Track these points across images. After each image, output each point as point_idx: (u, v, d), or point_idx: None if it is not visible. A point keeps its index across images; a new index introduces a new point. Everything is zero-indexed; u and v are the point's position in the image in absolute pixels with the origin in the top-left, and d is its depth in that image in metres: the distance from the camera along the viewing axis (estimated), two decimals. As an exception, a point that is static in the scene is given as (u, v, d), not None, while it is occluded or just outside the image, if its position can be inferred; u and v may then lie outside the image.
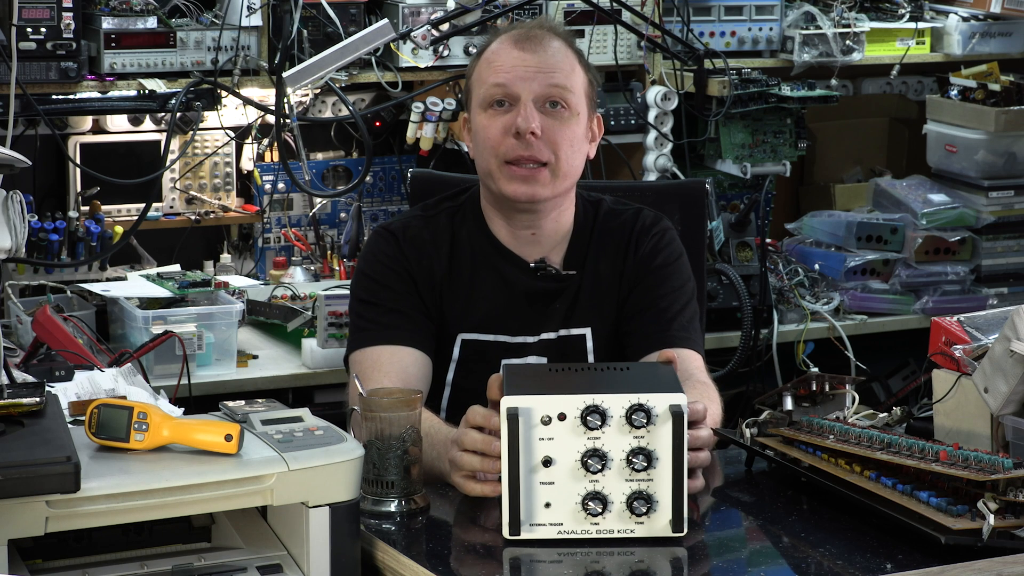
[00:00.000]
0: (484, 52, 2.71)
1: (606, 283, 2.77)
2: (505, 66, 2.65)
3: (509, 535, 2.14)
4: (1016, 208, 4.56)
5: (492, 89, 2.66)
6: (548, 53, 2.66)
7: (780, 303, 4.35)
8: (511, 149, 2.64)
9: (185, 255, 4.30)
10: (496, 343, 2.74)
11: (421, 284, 2.74)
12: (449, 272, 2.74)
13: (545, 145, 2.64)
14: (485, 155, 2.68)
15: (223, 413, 2.29)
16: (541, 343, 2.74)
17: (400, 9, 4.13)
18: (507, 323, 2.74)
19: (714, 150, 4.51)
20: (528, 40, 2.66)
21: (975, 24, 4.75)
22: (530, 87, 2.64)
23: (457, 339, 2.74)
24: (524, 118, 2.62)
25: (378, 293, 2.73)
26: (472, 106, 2.72)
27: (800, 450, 2.38)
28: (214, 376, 3.60)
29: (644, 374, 2.32)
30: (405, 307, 2.71)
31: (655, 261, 2.77)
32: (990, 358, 2.39)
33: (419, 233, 2.76)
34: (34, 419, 2.14)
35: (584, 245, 2.77)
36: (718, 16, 4.50)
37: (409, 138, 4.29)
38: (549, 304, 2.75)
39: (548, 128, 2.64)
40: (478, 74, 2.70)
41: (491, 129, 2.65)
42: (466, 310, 2.74)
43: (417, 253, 2.74)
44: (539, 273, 2.74)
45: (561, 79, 2.65)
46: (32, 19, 3.79)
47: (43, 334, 3.12)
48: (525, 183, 2.65)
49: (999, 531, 2.08)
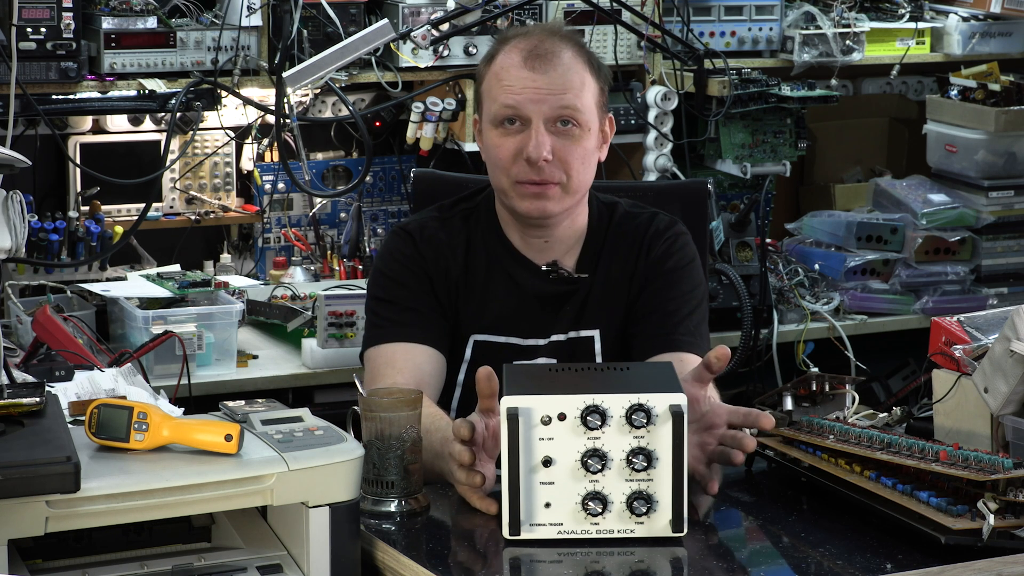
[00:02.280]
0: (493, 62, 2.69)
1: (616, 285, 2.77)
2: (515, 87, 2.64)
3: (509, 535, 2.14)
4: (1016, 208, 4.56)
5: (503, 109, 2.65)
6: (558, 72, 2.64)
7: (780, 303, 4.35)
8: (523, 172, 2.65)
9: (185, 255, 4.30)
10: (508, 345, 2.75)
11: (437, 284, 2.75)
12: (463, 273, 2.76)
13: (556, 167, 2.65)
14: (497, 173, 2.69)
15: (223, 413, 2.29)
16: (551, 345, 2.75)
17: (400, 9, 4.13)
18: (518, 325, 2.75)
19: (714, 150, 4.51)
20: (538, 58, 2.64)
21: (975, 24, 4.75)
22: (540, 109, 2.63)
23: (470, 340, 2.75)
24: (535, 146, 2.62)
25: (394, 291, 2.74)
26: (483, 115, 2.72)
27: (800, 450, 2.38)
28: (214, 376, 3.61)
29: (644, 374, 2.32)
30: (421, 306, 2.73)
31: (666, 264, 2.77)
32: (990, 358, 2.39)
33: (435, 234, 2.77)
34: (34, 419, 2.14)
35: (597, 248, 2.78)
36: (718, 16, 4.50)
37: (409, 138, 4.30)
38: (560, 307, 2.76)
39: (559, 149, 2.64)
40: (488, 87, 2.69)
41: (502, 149, 2.66)
42: (479, 312, 2.75)
43: (434, 253, 2.76)
44: (551, 276, 2.75)
45: (571, 99, 2.64)
46: (32, 19, 3.79)
47: (43, 334, 3.12)
48: (537, 199, 2.66)
49: (999, 531, 2.08)
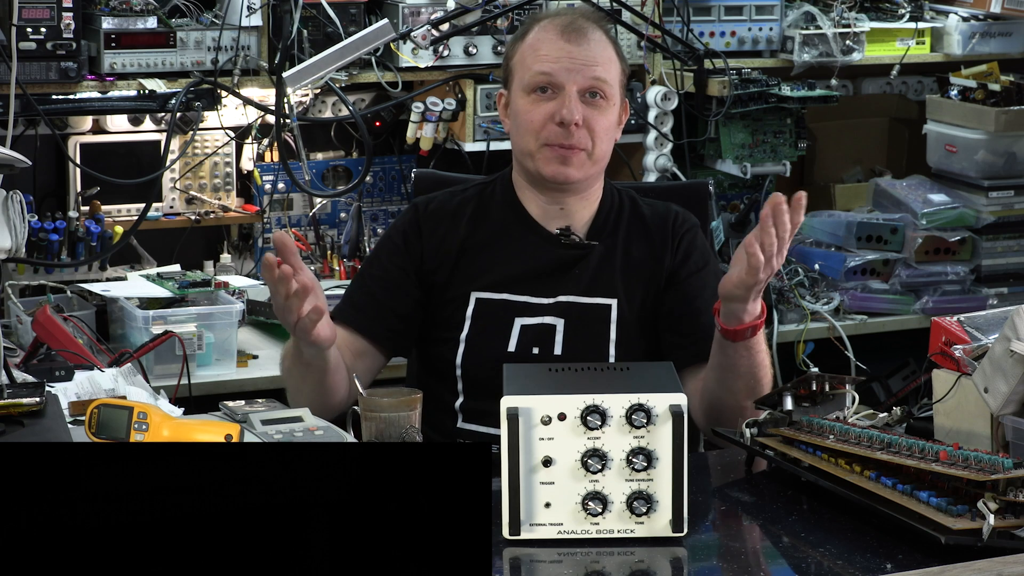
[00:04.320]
0: (527, 36, 2.85)
1: (638, 263, 2.87)
2: (551, 55, 2.80)
3: (509, 535, 2.14)
4: (1016, 208, 4.56)
5: (537, 76, 2.80)
6: (591, 46, 2.81)
7: (780, 303, 4.35)
8: (553, 135, 2.79)
9: (185, 255, 4.29)
10: (510, 301, 2.84)
11: (429, 254, 2.87)
12: (468, 237, 2.87)
13: (584, 134, 2.79)
14: (525, 136, 2.82)
15: (223, 413, 2.29)
16: (559, 305, 2.83)
17: (400, 9, 4.13)
18: (524, 284, 2.85)
19: (714, 150, 4.51)
20: (574, 32, 2.81)
21: (975, 24, 4.75)
22: (574, 79, 2.79)
23: (471, 297, 2.84)
24: (569, 110, 2.77)
25: (372, 265, 2.91)
26: (512, 87, 2.86)
27: (800, 450, 2.38)
28: (214, 376, 3.61)
29: (644, 374, 2.32)
30: (382, 292, 2.86)
31: (692, 260, 2.88)
32: (990, 358, 2.39)
33: (442, 205, 2.91)
34: (34, 419, 2.14)
35: (611, 220, 2.90)
36: (718, 16, 4.50)
37: (409, 138, 4.30)
38: (568, 270, 2.85)
39: (588, 117, 2.79)
40: (520, 57, 2.84)
41: (534, 113, 2.80)
42: (483, 271, 2.85)
43: (433, 223, 2.89)
44: (562, 240, 2.85)
45: (602, 72, 2.80)
46: (32, 19, 3.79)
47: (43, 334, 3.12)
48: (562, 164, 2.80)
49: (999, 531, 2.08)
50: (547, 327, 2.82)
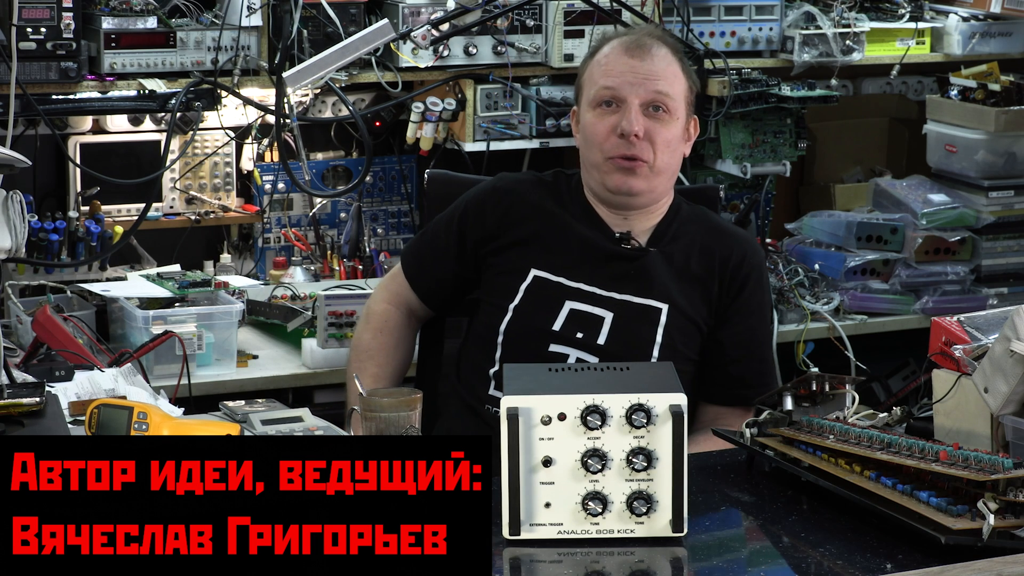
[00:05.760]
0: (596, 55, 2.97)
1: (693, 277, 2.94)
2: (615, 71, 2.91)
3: (509, 535, 2.14)
4: (1016, 208, 4.56)
5: (602, 91, 2.92)
6: (654, 61, 2.92)
7: (780, 303, 4.35)
8: (616, 147, 2.90)
9: (185, 255, 4.29)
10: (563, 285, 2.93)
11: (492, 229, 2.98)
12: (540, 216, 2.98)
13: (646, 146, 2.89)
14: (592, 149, 2.94)
15: (223, 413, 2.29)
16: (610, 300, 2.91)
17: (400, 9, 4.13)
18: (581, 272, 2.93)
19: (714, 150, 4.51)
20: (638, 48, 2.92)
21: (975, 24, 4.75)
22: (636, 92, 2.89)
23: (529, 272, 2.94)
24: (629, 121, 2.88)
25: (443, 226, 3.05)
26: (582, 103, 2.98)
27: (800, 450, 2.38)
28: (214, 376, 3.61)
29: (644, 374, 2.32)
30: (443, 255, 3.03)
31: (741, 299, 2.96)
32: (990, 358, 2.39)
33: (519, 184, 3.05)
34: (34, 419, 2.14)
35: (672, 230, 2.97)
36: (718, 16, 4.50)
37: (409, 138, 4.30)
38: (626, 270, 2.93)
39: (650, 130, 2.89)
40: (589, 74, 2.96)
41: (598, 127, 2.92)
42: (546, 252, 2.95)
43: (508, 203, 3.00)
44: (621, 244, 2.94)
45: (664, 86, 2.90)
46: (32, 19, 3.79)
47: (43, 334, 3.12)
48: (626, 174, 2.90)
49: (999, 531, 2.08)
50: (596, 317, 2.90)
